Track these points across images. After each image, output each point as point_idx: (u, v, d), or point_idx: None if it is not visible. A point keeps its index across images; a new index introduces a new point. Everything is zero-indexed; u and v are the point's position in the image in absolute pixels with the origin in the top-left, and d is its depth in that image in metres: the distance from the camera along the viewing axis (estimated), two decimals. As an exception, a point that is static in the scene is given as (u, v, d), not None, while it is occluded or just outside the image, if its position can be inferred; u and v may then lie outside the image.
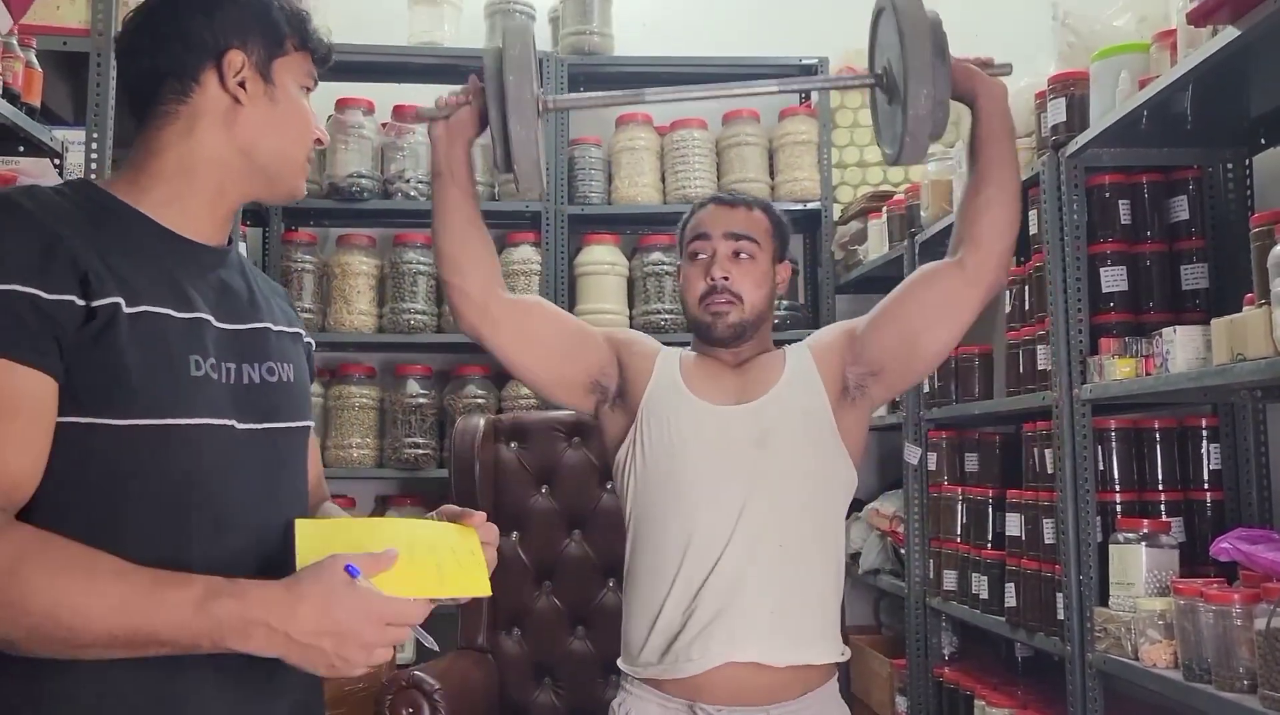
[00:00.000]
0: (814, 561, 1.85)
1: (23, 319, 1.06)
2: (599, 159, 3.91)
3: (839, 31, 3.98)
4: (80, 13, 2.30)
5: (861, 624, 3.93)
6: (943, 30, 1.79)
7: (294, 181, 1.31)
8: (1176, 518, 2.29)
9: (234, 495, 1.19)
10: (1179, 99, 2.06)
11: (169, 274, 1.19)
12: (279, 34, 1.26)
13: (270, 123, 1.26)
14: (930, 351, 1.90)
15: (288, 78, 1.28)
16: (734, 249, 1.91)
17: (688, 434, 1.84)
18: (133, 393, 1.11)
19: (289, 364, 1.31)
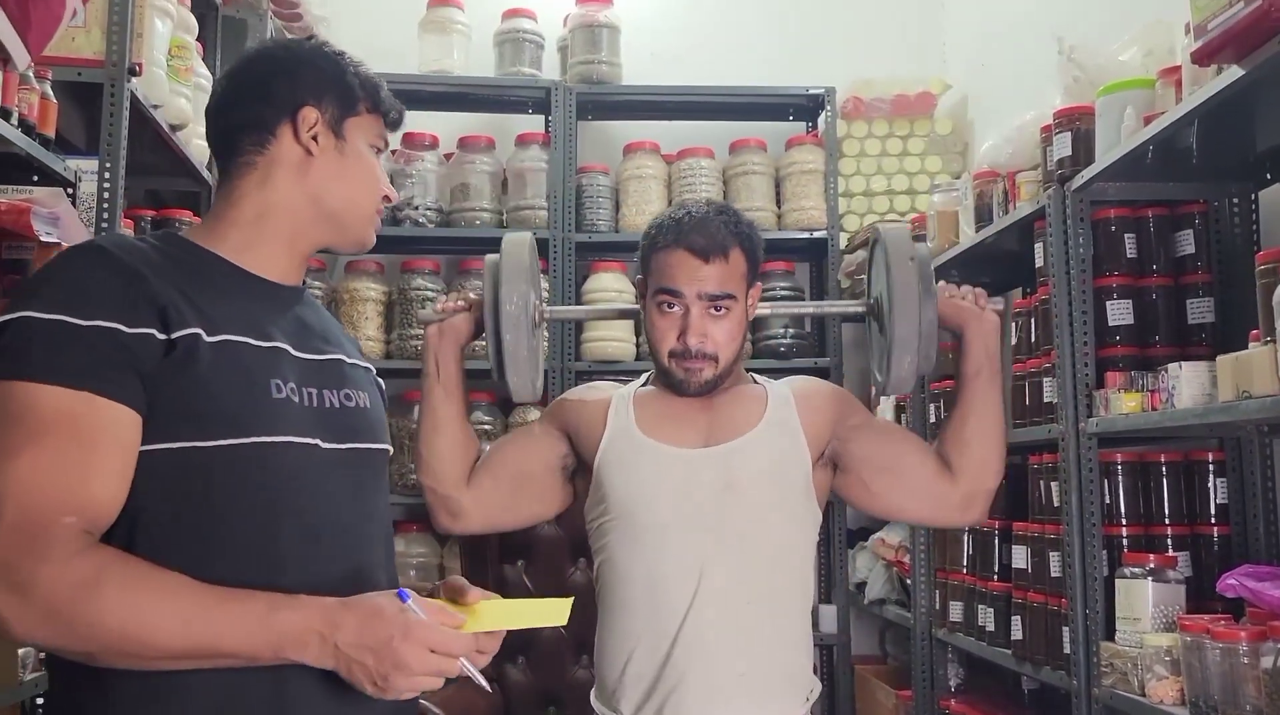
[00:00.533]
0: (783, 614, 1.79)
1: (106, 354, 1.13)
2: (607, 187, 3.93)
3: (846, 62, 4.06)
4: (95, 44, 2.31)
5: (866, 653, 3.92)
6: (930, 263, 1.83)
7: (362, 231, 1.38)
8: (1183, 552, 2.29)
9: (323, 510, 1.26)
10: (1185, 134, 2.07)
11: (247, 309, 1.27)
12: (352, 96, 1.35)
13: (339, 174, 1.35)
14: (890, 510, 1.95)
15: (358, 136, 1.36)
16: (710, 307, 1.78)
17: (649, 480, 1.78)
18: (218, 414, 1.18)
19: (364, 392, 1.39)
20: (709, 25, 4.26)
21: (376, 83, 1.39)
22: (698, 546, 1.75)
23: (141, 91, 2.41)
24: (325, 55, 1.38)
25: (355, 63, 1.39)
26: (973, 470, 1.84)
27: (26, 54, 1.41)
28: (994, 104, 3.75)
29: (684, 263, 1.77)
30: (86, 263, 1.18)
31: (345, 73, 1.37)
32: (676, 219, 1.82)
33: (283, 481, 1.21)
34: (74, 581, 1.07)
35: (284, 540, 1.21)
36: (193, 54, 2.77)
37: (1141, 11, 2.51)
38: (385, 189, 1.40)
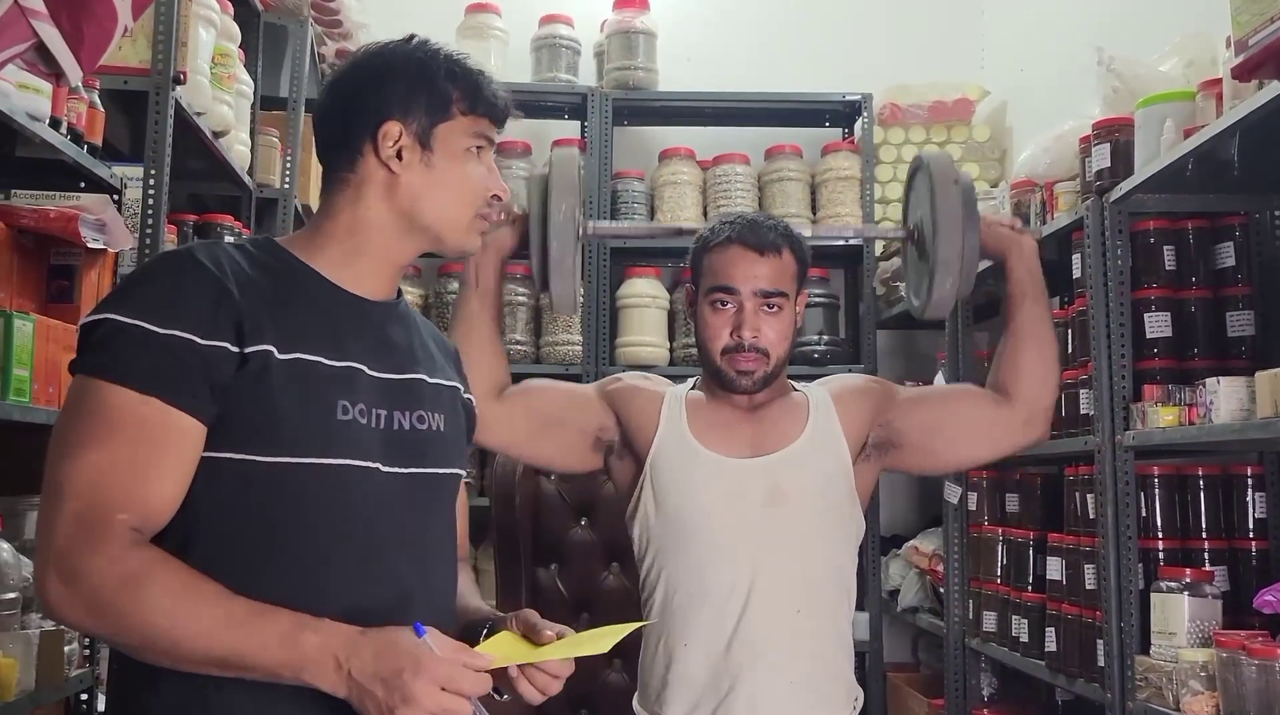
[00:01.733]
0: (830, 622, 1.82)
1: (179, 362, 1.16)
2: (642, 192, 3.94)
3: (883, 67, 4.04)
4: (141, 52, 2.35)
5: (899, 660, 3.91)
6: (973, 189, 1.87)
7: (460, 240, 1.36)
8: (1220, 566, 2.27)
9: (376, 534, 1.25)
10: (1225, 147, 2.06)
11: (329, 325, 1.28)
12: (441, 101, 1.31)
13: (428, 187, 1.32)
14: (946, 461, 2.00)
15: (452, 141, 1.33)
16: (764, 304, 1.83)
17: (699, 491, 1.80)
18: (282, 432, 1.20)
19: (440, 414, 1.36)
20: (745, 31, 4.26)
21: (475, 79, 1.33)
22: (747, 556, 1.77)
23: (185, 99, 2.45)
24: (413, 60, 1.33)
25: (451, 60, 1.34)
26: (1032, 390, 1.87)
27: (79, 69, 1.44)
28: (1033, 111, 3.73)
29: (739, 257, 1.82)
30: (176, 271, 1.22)
31: (434, 77, 1.32)
32: (728, 221, 1.87)
33: (336, 503, 1.22)
34: (120, 576, 1.11)
35: (333, 561, 1.22)
36: (235, 62, 2.81)
37: (1182, 22, 2.50)
38: (490, 189, 1.37)
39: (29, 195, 2.26)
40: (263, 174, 3.18)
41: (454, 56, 1.35)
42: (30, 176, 2.26)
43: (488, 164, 1.37)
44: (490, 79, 1.36)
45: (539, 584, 2.75)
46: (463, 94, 1.32)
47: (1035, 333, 1.89)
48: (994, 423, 1.88)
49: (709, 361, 1.86)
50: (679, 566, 1.80)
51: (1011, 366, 1.89)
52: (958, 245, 1.80)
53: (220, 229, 2.87)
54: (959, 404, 1.93)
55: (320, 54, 3.68)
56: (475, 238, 1.37)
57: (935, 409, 1.92)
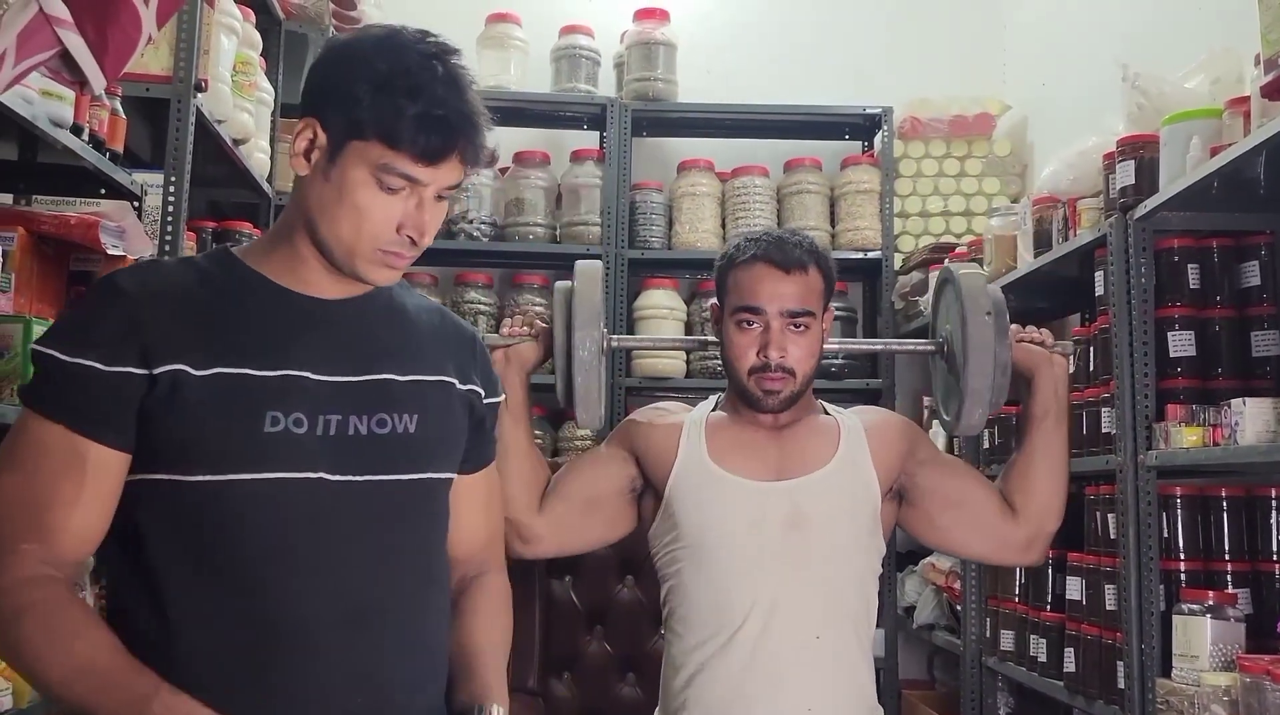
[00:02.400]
0: (851, 646, 1.80)
1: (86, 390, 1.16)
2: (660, 204, 3.94)
3: (904, 81, 4.03)
4: (163, 60, 2.36)
5: (914, 678, 3.88)
6: (1005, 314, 1.86)
7: (355, 267, 1.25)
8: (1244, 589, 2.24)
9: (324, 545, 1.21)
10: (1252, 166, 2.03)
11: (267, 334, 1.24)
12: (360, 115, 1.19)
13: (321, 201, 1.23)
14: (950, 544, 2.01)
15: (357, 163, 1.20)
16: (790, 323, 1.81)
17: (719, 513, 1.79)
18: (204, 450, 1.18)
19: (411, 415, 1.29)
20: (766, 43, 4.25)
21: (398, 104, 1.18)
22: (767, 580, 1.76)
23: (207, 107, 2.46)
24: (359, 58, 1.21)
25: (397, 72, 1.19)
26: (1037, 513, 1.87)
27: (103, 77, 1.43)
28: (1054, 126, 3.71)
29: (765, 276, 1.80)
30: (93, 297, 1.24)
31: (360, 84, 1.19)
32: (754, 238, 1.86)
33: (269, 518, 1.19)
34: (10, 607, 1.13)
35: (270, 578, 1.19)
36: (256, 69, 2.82)
37: (1208, 39, 2.48)
38: (397, 227, 1.22)
39: (50, 201, 2.26)
40: (282, 181, 3.19)
41: (409, 68, 1.20)
42: (52, 182, 2.27)
43: (403, 201, 1.22)
44: (435, 107, 1.19)
45: (553, 596, 2.74)
46: (382, 116, 1.19)
47: (1051, 456, 1.87)
48: (997, 531, 1.88)
49: (735, 381, 1.85)
50: (698, 587, 1.79)
51: (1022, 485, 1.87)
52: (988, 378, 1.80)
53: (239, 236, 2.87)
54: (976, 494, 1.90)
55: (340, 62, 3.69)
56: (377, 270, 1.25)
57: (953, 486, 1.90)
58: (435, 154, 1.20)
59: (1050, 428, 1.87)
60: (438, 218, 1.26)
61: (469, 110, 1.23)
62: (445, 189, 1.24)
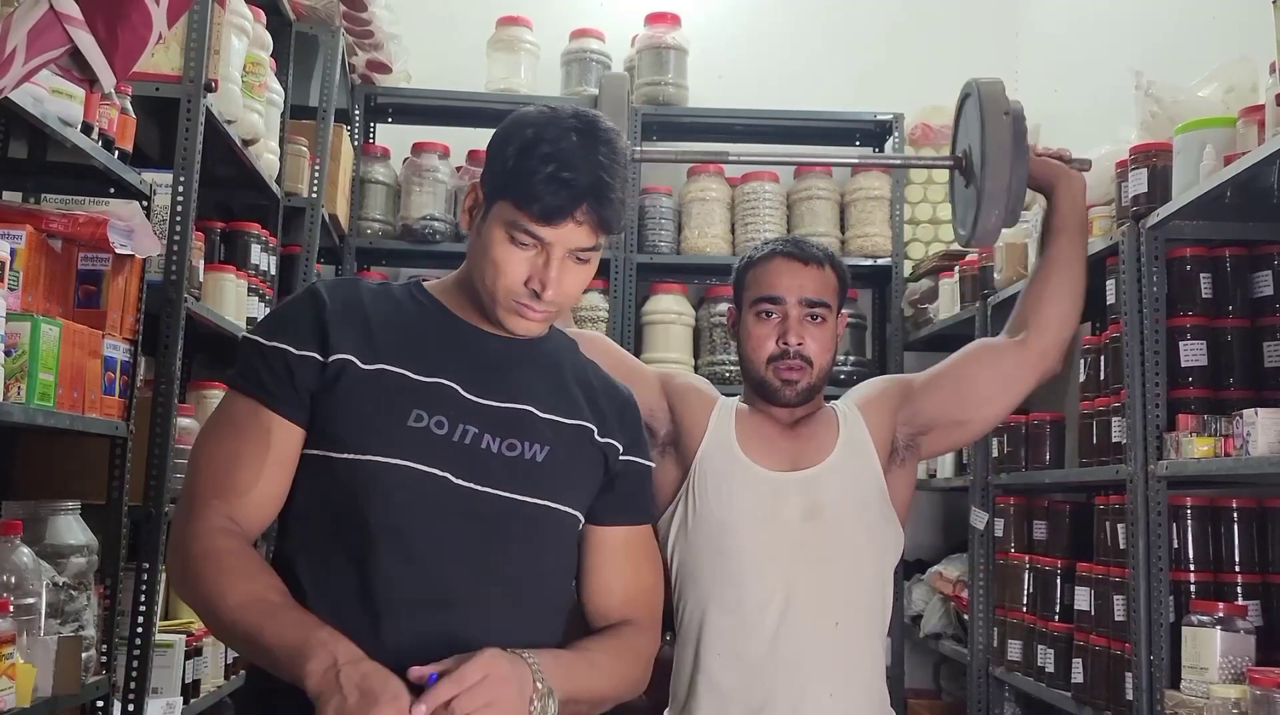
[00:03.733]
0: (868, 636, 1.81)
1: (276, 370, 1.33)
2: (669, 208, 3.93)
3: (915, 87, 4.02)
4: (174, 60, 2.35)
5: (921, 687, 3.86)
6: (1024, 120, 1.85)
7: (494, 313, 1.37)
8: (1254, 601, 2.23)
9: (433, 537, 1.31)
10: (1266, 174, 2.03)
11: (430, 347, 1.38)
12: (499, 179, 1.33)
13: (475, 254, 1.38)
14: (978, 424, 1.94)
15: (496, 219, 1.34)
16: (808, 313, 1.84)
17: (741, 501, 1.80)
18: (352, 430, 1.32)
19: (544, 446, 1.38)
20: (777, 49, 4.24)
21: (532, 168, 1.30)
22: (784, 570, 1.76)
23: (216, 107, 2.45)
24: (512, 126, 1.35)
25: (535, 141, 1.31)
26: (1052, 324, 1.86)
27: (113, 76, 1.42)
28: (1067, 134, 3.69)
29: (784, 268, 1.84)
30: (295, 299, 1.42)
31: (506, 152, 1.33)
32: (771, 240, 1.92)
33: (391, 499, 1.30)
34: (200, 551, 1.28)
35: (378, 553, 1.29)
36: (267, 70, 2.81)
37: (1222, 48, 2.47)
38: (514, 282, 1.34)
39: (59, 200, 2.26)
40: (291, 183, 3.18)
41: (549, 136, 1.32)
42: (61, 181, 2.26)
43: (532, 257, 1.33)
44: (562, 170, 1.30)
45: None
46: (516, 179, 1.31)
47: (1067, 265, 1.88)
48: (1009, 366, 1.87)
49: (753, 372, 1.86)
50: (714, 577, 1.78)
51: (1036, 294, 1.88)
52: (1005, 178, 1.79)
53: (246, 237, 2.86)
54: (971, 366, 1.91)
55: (350, 64, 3.69)
56: (513, 319, 1.37)
57: (951, 382, 1.90)
58: (552, 215, 1.30)
59: (1067, 241, 1.88)
60: (575, 277, 1.36)
61: (598, 177, 1.31)
62: (577, 250, 1.34)
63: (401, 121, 4.08)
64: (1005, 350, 1.88)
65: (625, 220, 1.40)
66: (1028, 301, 1.89)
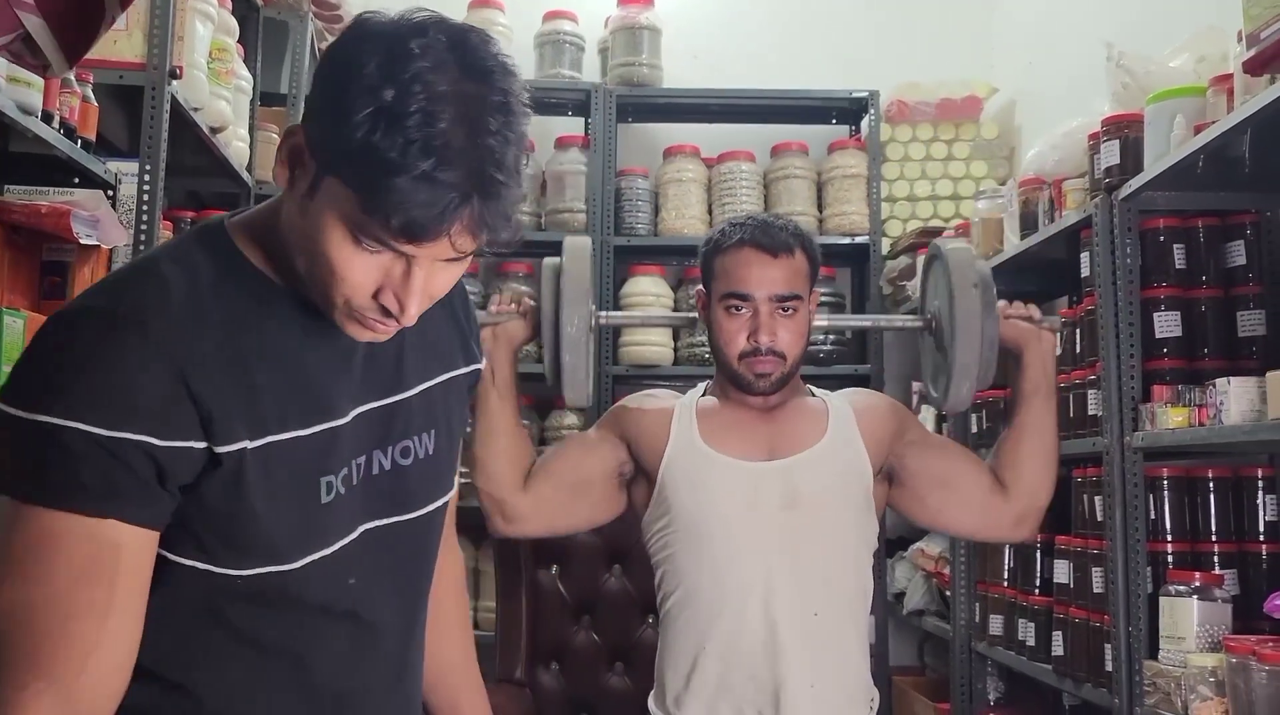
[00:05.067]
0: (848, 623, 1.81)
1: (135, 471, 0.94)
2: (646, 190, 3.91)
3: (891, 65, 4.01)
4: (136, 47, 2.33)
5: (905, 664, 3.87)
6: (992, 288, 1.86)
7: (324, 308, 1.01)
8: (1230, 570, 2.23)
9: (367, 606, 1.11)
10: (1237, 143, 2.02)
11: (303, 373, 1.04)
12: (338, 148, 0.92)
13: (297, 237, 0.99)
14: (940, 523, 2.00)
15: (332, 207, 0.94)
16: (779, 307, 1.82)
17: (714, 494, 1.79)
18: (258, 543, 1.01)
19: (429, 432, 1.15)
20: (751, 28, 4.22)
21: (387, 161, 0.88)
22: (764, 559, 1.76)
23: (182, 94, 2.43)
24: (351, 65, 0.91)
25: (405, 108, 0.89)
26: (1028, 488, 1.87)
27: (66, 61, 1.41)
28: (1042, 108, 3.69)
29: (753, 261, 1.81)
30: (118, 347, 0.94)
31: (348, 107, 0.89)
32: (738, 223, 1.87)
33: (327, 589, 1.06)
34: None
35: (324, 649, 1.08)
36: (233, 56, 2.79)
37: (1194, 17, 2.46)
38: (357, 293, 0.97)
39: (22, 191, 2.24)
40: (262, 170, 3.16)
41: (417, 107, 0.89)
42: (24, 172, 2.24)
43: (386, 264, 0.96)
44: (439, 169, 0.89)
45: (539, 586, 2.72)
46: (364, 168, 0.90)
47: (1040, 432, 1.88)
48: (987, 508, 1.88)
49: (725, 366, 1.86)
50: (695, 570, 1.79)
51: (1012, 462, 1.88)
52: (976, 352, 1.81)
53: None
54: (965, 473, 1.91)
55: (320, 49, 3.66)
56: (356, 329, 1.01)
57: (942, 465, 1.91)
58: (419, 233, 0.92)
59: (1040, 404, 1.88)
60: (443, 280, 1.00)
61: (485, 174, 0.91)
62: (447, 257, 0.97)
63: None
64: (989, 492, 1.88)
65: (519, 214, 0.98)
66: (1004, 463, 1.89)
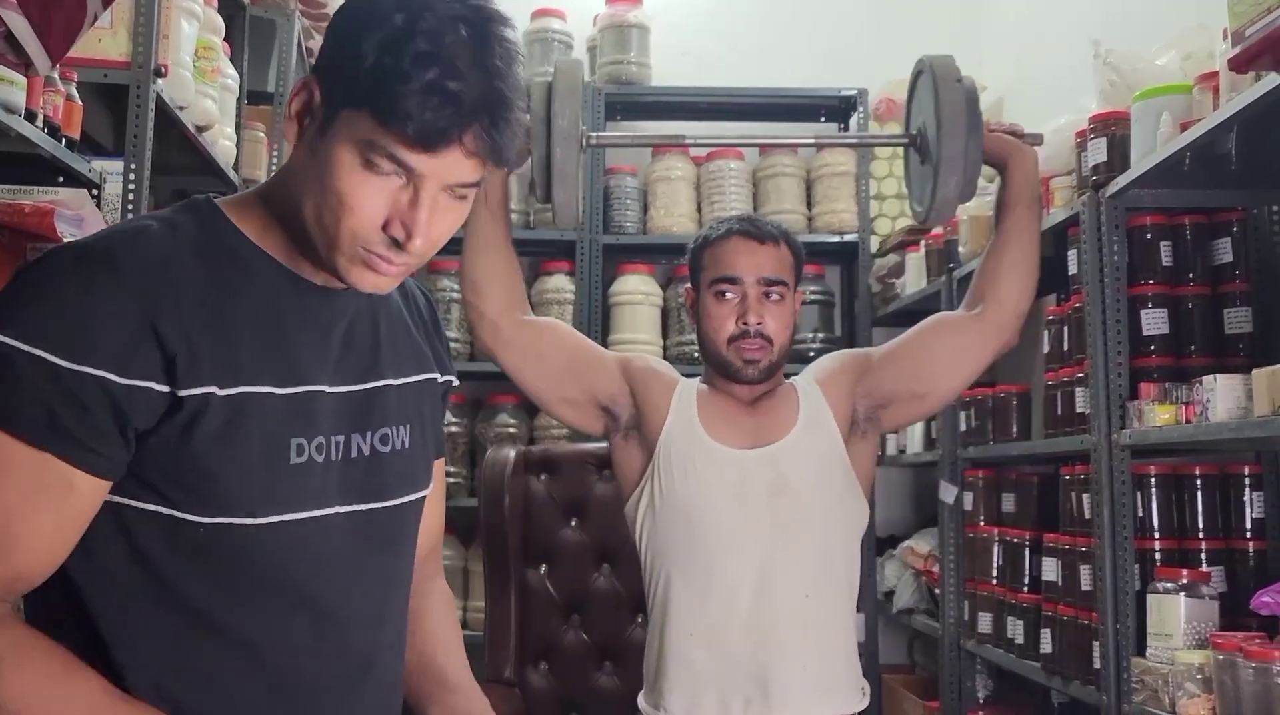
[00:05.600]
0: (838, 607, 1.82)
1: (86, 409, 0.93)
2: (635, 189, 3.91)
3: (878, 63, 4.00)
4: (121, 45, 2.31)
5: (895, 663, 3.87)
6: (977, 96, 1.85)
7: (333, 263, 1.02)
8: (1218, 567, 2.24)
9: (334, 592, 1.07)
10: (1223, 141, 2.02)
11: (284, 337, 1.04)
12: (353, 76, 0.96)
13: (306, 181, 1.01)
14: (937, 396, 1.96)
15: (346, 137, 0.97)
16: (766, 291, 1.85)
17: (708, 481, 1.80)
18: (218, 488, 0.99)
19: (405, 426, 1.14)
20: (740, 26, 4.22)
21: (403, 71, 0.93)
22: (754, 547, 1.77)
23: (167, 93, 2.41)
24: (369, 7, 0.97)
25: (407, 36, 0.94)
26: (1010, 297, 1.88)
27: (48, 59, 1.40)
28: (1032, 105, 3.69)
29: (741, 247, 1.86)
30: (84, 279, 0.95)
31: (363, 40, 0.96)
32: (726, 219, 1.92)
33: (286, 567, 1.02)
34: None
35: (283, 634, 1.04)
36: (220, 55, 2.77)
37: (1183, 15, 2.46)
38: (365, 224, 0.99)
39: (5, 190, 2.22)
40: (249, 169, 3.15)
41: (429, 28, 0.95)
42: (7, 172, 2.22)
43: (394, 192, 0.99)
44: (448, 78, 0.94)
45: (528, 585, 2.72)
46: (379, 81, 0.94)
47: (1022, 237, 1.90)
48: (966, 339, 1.89)
49: (714, 352, 1.87)
50: (684, 557, 1.80)
51: (993, 268, 1.90)
52: (961, 143, 1.78)
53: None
54: (930, 340, 1.92)
55: (308, 48, 3.64)
56: (360, 273, 1.02)
57: (909, 356, 1.91)
58: (433, 139, 0.95)
59: (1023, 212, 1.90)
60: (449, 220, 1.02)
61: (493, 89, 0.96)
62: (456, 186, 1.00)
63: (363, 106, 4.04)
64: (963, 323, 1.90)
65: (521, 146, 1.03)
66: (984, 275, 1.91)
